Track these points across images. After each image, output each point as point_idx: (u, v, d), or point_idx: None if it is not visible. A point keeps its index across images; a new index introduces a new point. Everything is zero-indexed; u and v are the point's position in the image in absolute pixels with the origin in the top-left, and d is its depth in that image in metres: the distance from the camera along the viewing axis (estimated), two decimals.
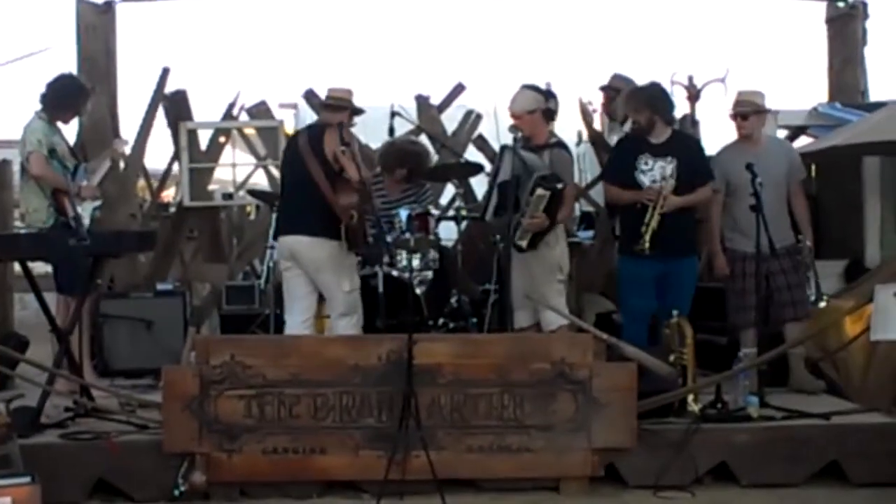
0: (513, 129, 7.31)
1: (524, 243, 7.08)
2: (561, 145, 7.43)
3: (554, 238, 7.34)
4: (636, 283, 7.47)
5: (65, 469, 5.96)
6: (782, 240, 7.37)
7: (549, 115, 7.56)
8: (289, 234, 7.18)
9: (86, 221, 7.39)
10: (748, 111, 7.60)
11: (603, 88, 8.40)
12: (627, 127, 8.08)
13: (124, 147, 8.82)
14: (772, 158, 7.54)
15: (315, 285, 7.21)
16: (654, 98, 7.53)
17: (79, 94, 7.83)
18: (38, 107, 7.59)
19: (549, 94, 7.76)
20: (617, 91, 8.31)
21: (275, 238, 7.61)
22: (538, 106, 7.38)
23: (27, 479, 5.20)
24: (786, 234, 7.52)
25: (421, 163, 8.63)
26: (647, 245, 7.19)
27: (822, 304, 7.37)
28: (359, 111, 7.38)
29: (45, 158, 7.35)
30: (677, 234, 7.28)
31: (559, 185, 7.04)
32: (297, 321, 7.21)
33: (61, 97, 7.64)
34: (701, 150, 7.96)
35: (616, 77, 8.37)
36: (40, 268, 7.58)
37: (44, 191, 7.38)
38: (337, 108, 7.26)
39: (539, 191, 6.98)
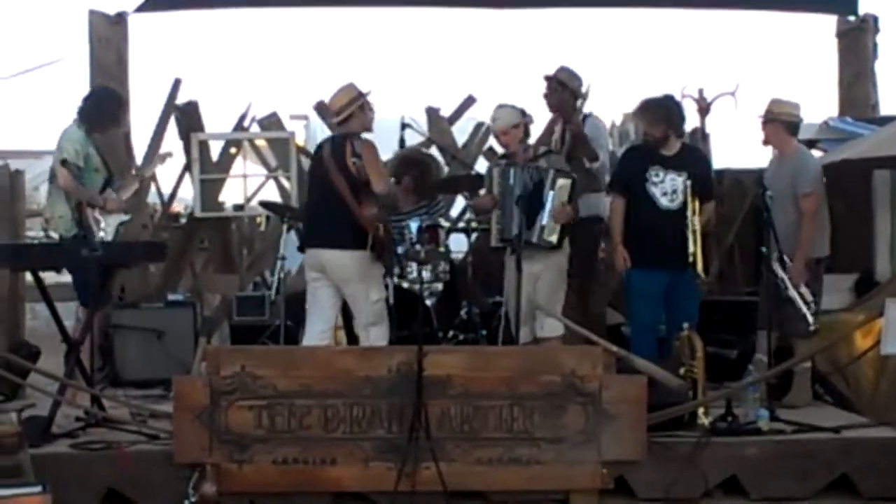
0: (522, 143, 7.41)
1: (555, 238, 7.17)
2: (550, 151, 7.53)
3: (567, 245, 7.45)
4: (644, 295, 7.49)
5: (75, 479, 5.97)
6: (788, 253, 7.35)
7: (527, 131, 7.62)
8: (316, 247, 7.15)
9: (109, 234, 7.41)
10: (764, 119, 7.67)
11: (548, 78, 8.29)
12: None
13: (167, 159, 8.77)
14: (782, 170, 7.56)
15: (339, 298, 7.19)
16: (671, 112, 7.56)
17: (118, 105, 7.81)
18: (76, 118, 7.52)
19: (523, 111, 7.76)
20: (560, 83, 8.20)
21: (300, 250, 7.57)
22: (520, 121, 7.47)
23: (38, 489, 5.21)
24: (793, 247, 7.47)
25: (425, 171, 8.64)
26: (702, 272, 7.25)
27: (812, 329, 7.23)
28: (363, 98, 7.18)
29: (75, 171, 7.26)
30: (683, 246, 7.29)
31: (574, 175, 7.17)
32: (317, 330, 7.19)
33: (102, 109, 7.61)
34: (709, 165, 8.00)
35: (561, 69, 8.29)
36: (52, 278, 7.58)
37: (70, 200, 7.34)
38: (349, 118, 7.17)
39: (561, 181, 7.21)
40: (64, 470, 5.95)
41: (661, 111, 7.55)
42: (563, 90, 8.07)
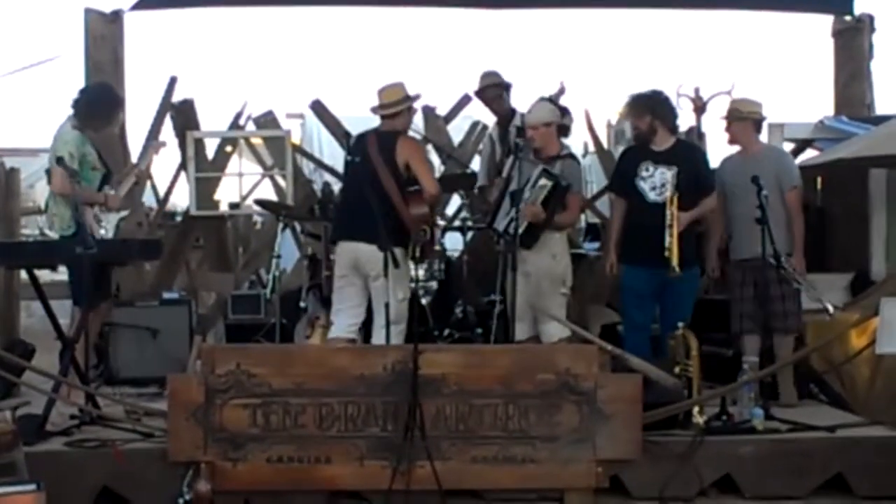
0: (520, 137, 7.36)
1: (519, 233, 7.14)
2: (572, 157, 7.48)
3: (560, 250, 7.36)
4: (637, 293, 7.51)
5: (70, 477, 5.97)
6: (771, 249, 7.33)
7: (564, 130, 7.59)
8: (352, 241, 7.11)
9: (111, 231, 7.39)
10: (729, 118, 7.68)
11: (489, 87, 8.36)
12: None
13: (161, 148, 8.70)
14: (760, 167, 7.52)
15: (366, 294, 7.19)
16: (656, 104, 7.59)
17: (114, 103, 7.69)
18: (70, 112, 7.43)
19: (564, 111, 7.77)
20: (501, 87, 8.28)
21: (332, 242, 7.53)
22: (554, 119, 7.42)
23: (32, 487, 5.20)
24: (777, 243, 7.44)
25: None
26: (676, 267, 7.21)
27: (833, 312, 7.17)
28: (413, 100, 7.29)
29: (70, 173, 7.08)
30: (677, 245, 7.28)
31: (563, 182, 7.12)
32: (345, 324, 7.21)
33: (97, 106, 7.52)
34: (705, 160, 8.00)
35: (488, 74, 8.35)
36: (46, 276, 7.57)
37: (68, 199, 7.21)
38: (396, 115, 7.19)
39: (542, 181, 7.12)
40: (58, 468, 5.94)
41: (645, 102, 7.59)
42: (506, 92, 8.24)
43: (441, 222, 8.72)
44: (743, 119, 7.65)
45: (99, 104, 7.55)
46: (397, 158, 7.01)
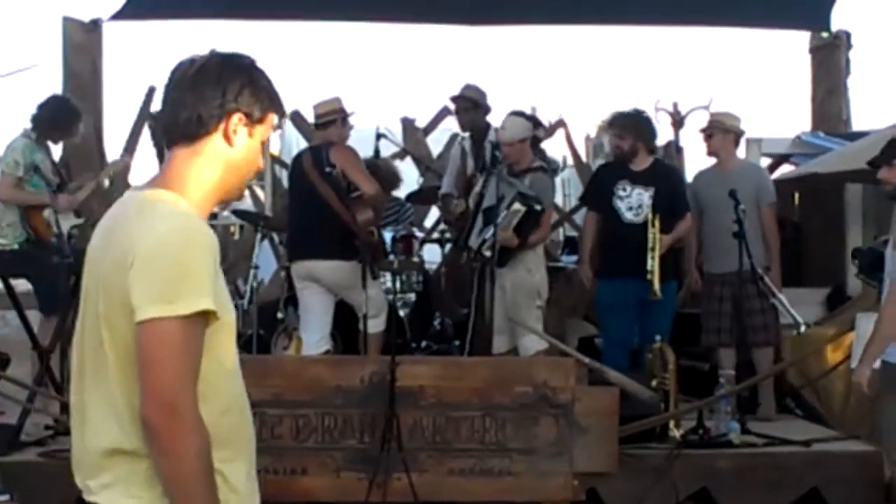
0: (496, 151, 7.36)
1: (489, 254, 7.14)
2: (542, 169, 7.48)
3: (535, 264, 7.37)
4: (615, 308, 7.51)
5: (44, 487, 5.88)
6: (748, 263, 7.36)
7: (535, 142, 7.59)
8: (305, 259, 7.19)
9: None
10: (711, 130, 7.68)
11: (454, 99, 8.35)
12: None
13: (127, 161, 8.66)
14: (739, 182, 7.55)
15: (332, 302, 7.28)
16: (640, 126, 7.59)
17: (71, 116, 7.71)
18: (28, 125, 7.48)
19: (536, 122, 7.77)
20: (471, 101, 8.24)
21: (289, 260, 7.58)
22: (527, 135, 7.44)
23: (6, 498, 5.19)
24: (754, 258, 7.47)
25: (387, 172, 8.71)
26: (658, 291, 7.23)
27: (803, 330, 7.24)
28: (346, 113, 7.34)
29: (13, 181, 7.23)
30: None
31: (537, 206, 7.11)
32: (314, 339, 7.27)
33: (53, 119, 7.55)
34: (681, 180, 8.02)
35: (468, 87, 8.35)
36: (23, 285, 7.53)
37: (15, 208, 7.30)
38: (329, 124, 7.25)
39: (516, 205, 7.10)
40: (32, 478, 5.90)
41: (629, 124, 7.59)
42: (476, 109, 8.11)
43: (419, 234, 8.71)
44: (725, 132, 7.67)
45: (57, 117, 7.59)
46: (333, 167, 7.03)
